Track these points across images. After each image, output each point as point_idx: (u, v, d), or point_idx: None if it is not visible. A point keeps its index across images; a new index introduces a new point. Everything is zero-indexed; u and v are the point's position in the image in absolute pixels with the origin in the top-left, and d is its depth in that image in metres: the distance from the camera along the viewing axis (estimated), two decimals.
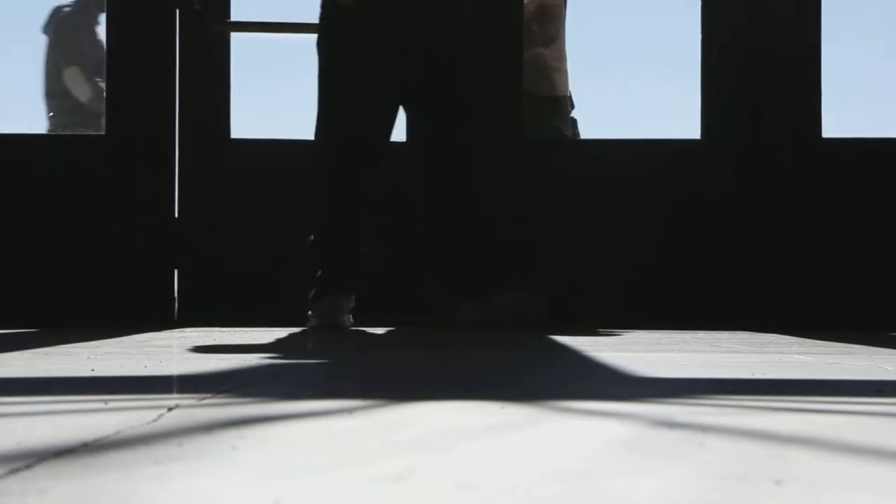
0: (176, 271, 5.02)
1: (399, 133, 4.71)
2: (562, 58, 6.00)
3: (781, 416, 1.62)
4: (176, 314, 4.99)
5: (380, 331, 4.42)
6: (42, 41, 6.74)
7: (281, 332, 4.17)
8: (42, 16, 6.78)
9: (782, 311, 5.00)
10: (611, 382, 2.18)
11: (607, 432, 1.39)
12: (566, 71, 6.02)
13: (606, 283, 5.06)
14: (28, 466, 1.08)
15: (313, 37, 4.63)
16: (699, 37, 5.15)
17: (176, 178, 5.02)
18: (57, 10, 6.77)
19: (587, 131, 5.86)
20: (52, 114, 6.61)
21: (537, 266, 5.08)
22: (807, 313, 4.99)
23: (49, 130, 6.45)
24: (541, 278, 5.01)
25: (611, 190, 5.09)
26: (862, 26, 6.17)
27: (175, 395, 1.85)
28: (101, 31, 6.29)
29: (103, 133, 5.03)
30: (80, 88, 6.58)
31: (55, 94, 6.63)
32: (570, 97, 6.10)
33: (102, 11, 6.01)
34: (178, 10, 4.98)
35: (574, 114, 6.20)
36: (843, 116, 5.56)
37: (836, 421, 1.57)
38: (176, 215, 5.01)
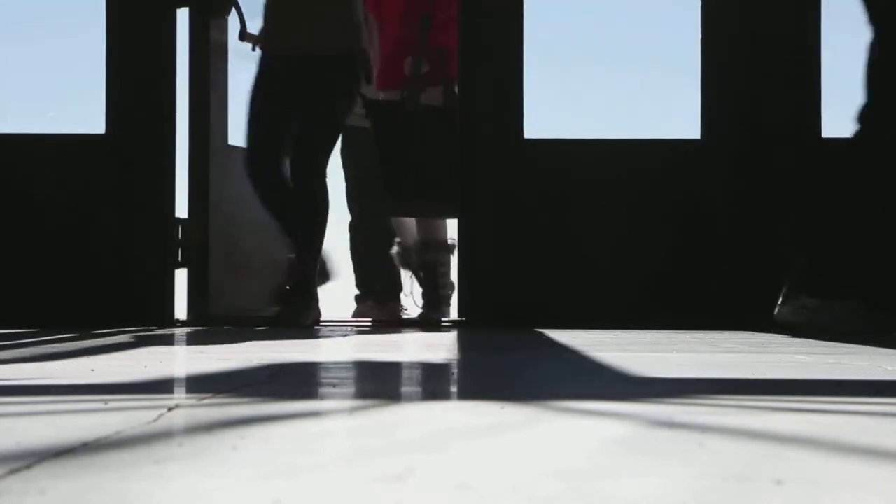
0: (177, 271, 5.02)
1: None
2: None
3: (781, 416, 1.62)
4: (176, 314, 4.99)
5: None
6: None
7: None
8: (41, 16, 6.76)
9: None
10: (611, 382, 2.18)
11: (607, 432, 1.39)
12: None
13: (604, 282, 5.05)
14: (28, 466, 1.07)
15: None
16: (699, 37, 5.14)
17: (184, 180, 5.04)
18: None
19: (588, 131, 5.84)
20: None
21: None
22: None
23: None
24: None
25: (610, 189, 5.08)
26: (862, 26, 6.17)
27: (175, 395, 1.85)
28: None
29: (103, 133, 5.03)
30: None
31: None
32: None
33: None
34: (188, 12, 5.00)
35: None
36: (844, 116, 5.55)
37: (836, 421, 1.57)
38: (178, 216, 5.01)
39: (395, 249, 5.40)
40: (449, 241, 5.38)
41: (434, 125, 5.08)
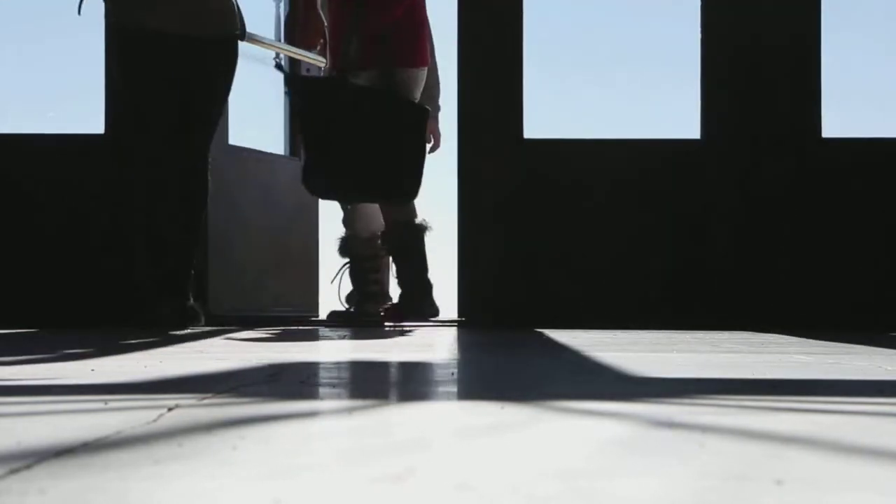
0: None
1: None
2: None
3: (781, 416, 1.62)
4: None
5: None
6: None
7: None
8: (41, 16, 6.77)
9: (782, 311, 5.00)
10: (611, 382, 2.18)
11: (607, 432, 1.39)
12: None
13: (604, 282, 5.05)
14: (28, 466, 1.07)
15: None
16: (699, 37, 5.15)
17: None
18: None
19: (588, 131, 5.85)
20: None
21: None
22: (807, 313, 4.98)
23: None
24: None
25: (609, 189, 5.08)
26: (862, 26, 6.17)
27: (175, 395, 1.85)
28: None
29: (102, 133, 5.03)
30: None
31: None
32: None
33: None
34: None
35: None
36: (844, 117, 5.55)
37: (837, 421, 1.57)
38: None
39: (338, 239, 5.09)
40: (417, 223, 4.92)
41: (369, 109, 4.66)
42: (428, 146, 4.94)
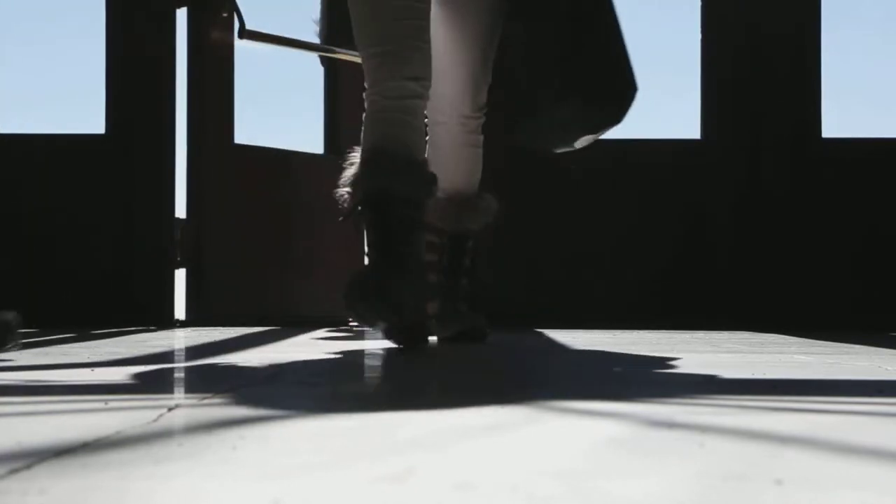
0: (176, 272, 5.02)
1: None
2: None
3: (781, 416, 1.62)
4: (176, 314, 4.99)
5: None
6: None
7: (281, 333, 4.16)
8: (42, 17, 6.77)
9: (782, 311, 5.00)
10: (610, 382, 2.18)
11: (607, 432, 1.39)
12: None
13: (605, 282, 5.05)
14: (28, 466, 1.08)
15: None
16: (699, 37, 5.15)
17: (181, 180, 5.04)
18: None
19: None
20: None
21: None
22: (807, 313, 4.98)
23: None
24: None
25: (610, 189, 5.08)
26: (862, 25, 6.18)
27: (175, 395, 1.85)
28: None
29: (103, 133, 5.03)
30: None
31: None
32: None
33: None
34: (185, 11, 5.01)
35: None
36: (844, 116, 5.56)
37: (837, 421, 1.57)
38: (177, 216, 5.01)
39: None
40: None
41: None
42: None
